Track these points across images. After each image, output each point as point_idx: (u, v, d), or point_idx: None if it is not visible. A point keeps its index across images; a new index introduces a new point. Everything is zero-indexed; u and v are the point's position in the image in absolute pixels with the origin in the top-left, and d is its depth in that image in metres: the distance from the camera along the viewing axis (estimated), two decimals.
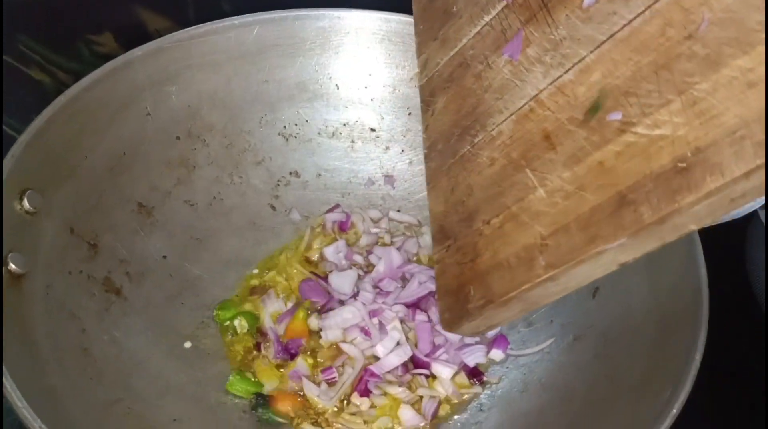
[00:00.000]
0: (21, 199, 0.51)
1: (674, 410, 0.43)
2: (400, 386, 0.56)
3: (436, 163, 0.56)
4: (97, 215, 0.57)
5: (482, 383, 0.58)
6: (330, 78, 0.69)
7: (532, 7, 0.47)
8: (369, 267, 0.64)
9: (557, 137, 0.44)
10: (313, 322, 0.60)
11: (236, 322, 0.59)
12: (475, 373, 0.58)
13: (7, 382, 0.41)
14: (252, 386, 0.55)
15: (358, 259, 0.65)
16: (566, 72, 0.44)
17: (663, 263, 0.53)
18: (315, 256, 0.65)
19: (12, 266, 0.48)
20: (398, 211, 0.69)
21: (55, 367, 0.47)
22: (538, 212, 0.43)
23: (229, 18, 0.65)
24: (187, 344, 0.58)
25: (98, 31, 0.73)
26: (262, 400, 0.55)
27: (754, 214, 0.64)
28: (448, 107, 0.55)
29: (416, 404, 0.56)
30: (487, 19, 0.52)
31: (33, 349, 0.47)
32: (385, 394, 0.56)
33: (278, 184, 0.68)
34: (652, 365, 0.49)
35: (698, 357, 0.45)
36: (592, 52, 0.42)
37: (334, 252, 0.65)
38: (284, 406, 0.55)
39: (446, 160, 0.54)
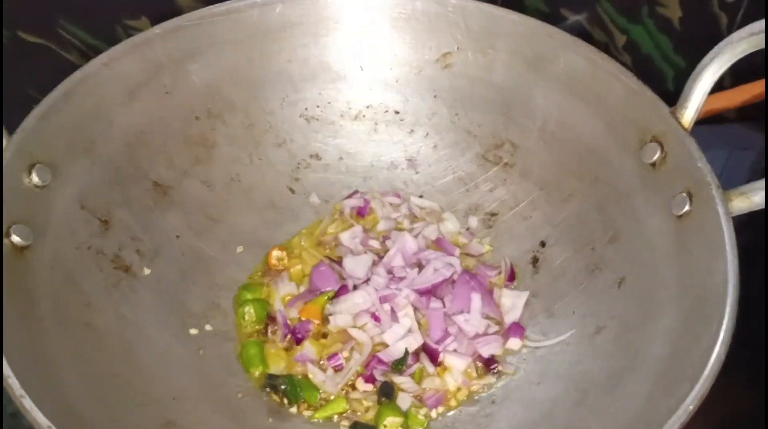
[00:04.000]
0: (29, 173, 0.51)
1: (690, 407, 0.39)
2: (403, 375, 0.54)
3: None
4: (111, 191, 0.57)
5: (496, 374, 0.55)
6: (354, 58, 0.67)
7: None
8: (386, 253, 0.62)
9: None
10: (327, 308, 0.58)
11: (246, 310, 0.58)
12: (489, 363, 0.55)
13: None
14: (261, 361, 0.54)
15: (375, 244, 0.63)
16: None
17: (694, 254, 0.50)
18: (330, 241, 0.64)
19: (15, 238, 0.48)
20: (420, 196, 0.67)
21: (56, 339, 0.47)
22: None
23: None
24: (196, 323, 0.57)
25: (136, 16, 0.73)
26: (273, 381, 0.53)
27: None
28: None
29: (419, 395, 0.54)
30: None
31: (32, 318, 0.46)
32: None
33: (298, 167, 0.67)
34: (673, 358, 0.45)
35: (717, 355, 0.42)
36: None
37: (350, 237, 0.63)
38: None
39: None
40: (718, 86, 0.86)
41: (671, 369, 0.45)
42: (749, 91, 0.81)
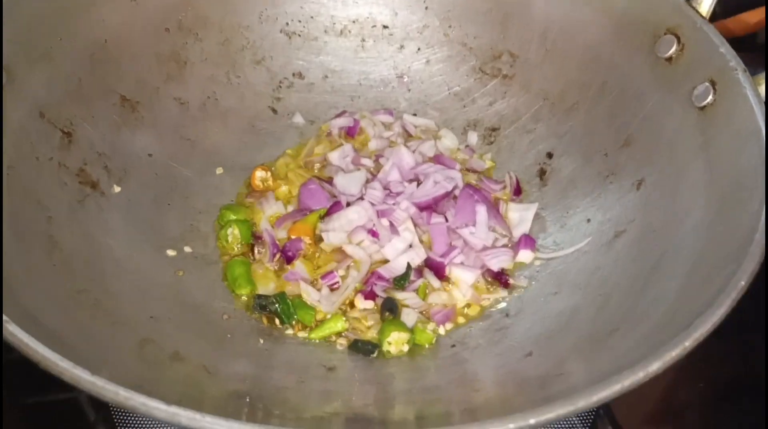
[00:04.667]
0: None
1: (742, 282, 0.35)
2: (406, 291, 0.49)
3: None
4: (74, 103, 0.51)
5: (508, 288, 0.50)
6: None
7: None
8: (379, 171, 0.57)
9: None
10: (319, 226, 0.53)
11: (229, 231, 0.52)
12: (499, 277, 0.50)
13: None
14: (248, 281, 0.49)
15: (367, 162, 0.57)
16: None
17: (721, 142, 0.46)
18: (317, 161, 0.58)
19: None
20: (414, 114, 0.62)
21: (14, 249, 0.41)
22: None
23: None
24: (174, 245, 0.51)
25: None
26: (263, 301, 0.48)
27: None
28: None
29: (426, 311, 0.49)
30: None
31: None
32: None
33: (280, 86, 0.62)
34: (708, 247, 0.41)
35: (761, 233, 0.37)
36: None
37: (340, 156, 0.58)
38: None
39: None
40: (711, 19, 0.83)
41: (707, 258, 0.40)
42: (754, 17, 0.77)
